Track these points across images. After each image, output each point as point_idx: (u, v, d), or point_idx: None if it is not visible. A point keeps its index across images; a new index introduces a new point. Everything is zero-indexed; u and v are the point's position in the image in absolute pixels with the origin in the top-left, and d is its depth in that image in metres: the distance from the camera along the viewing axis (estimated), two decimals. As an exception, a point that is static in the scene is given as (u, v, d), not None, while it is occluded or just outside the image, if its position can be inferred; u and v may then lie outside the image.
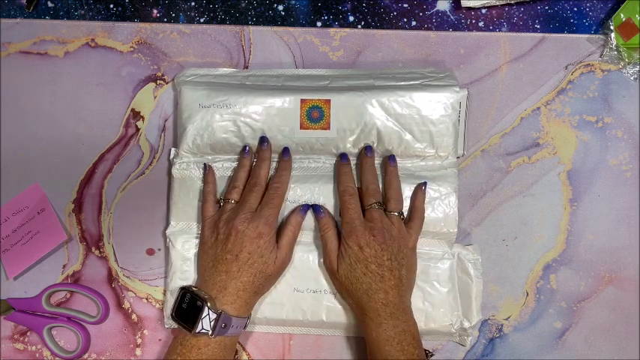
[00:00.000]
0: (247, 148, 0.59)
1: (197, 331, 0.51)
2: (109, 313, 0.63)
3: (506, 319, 0.61)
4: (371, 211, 0.55)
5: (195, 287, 0.54)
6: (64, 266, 0.63)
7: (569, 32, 0.63)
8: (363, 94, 0.58)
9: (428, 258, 0.59)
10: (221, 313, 0.52)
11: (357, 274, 0.53)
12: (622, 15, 0.60)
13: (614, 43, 0.61)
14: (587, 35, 0.62)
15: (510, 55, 0.62)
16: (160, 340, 0.63)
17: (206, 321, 0.51)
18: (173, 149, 0.62)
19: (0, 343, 0.63)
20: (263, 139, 0.59)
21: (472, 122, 0.62)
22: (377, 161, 0.60)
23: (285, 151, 0.59)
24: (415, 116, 0.58)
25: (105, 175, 0.63)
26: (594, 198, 0.62)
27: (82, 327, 0.62)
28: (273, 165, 0.60)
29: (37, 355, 0.63)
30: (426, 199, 0.58)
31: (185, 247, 0.60)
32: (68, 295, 0.63)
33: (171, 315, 0.54)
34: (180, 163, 0.60)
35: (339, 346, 0.61)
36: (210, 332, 0.51)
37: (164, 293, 0.62)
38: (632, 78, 0.62)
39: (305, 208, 0.58)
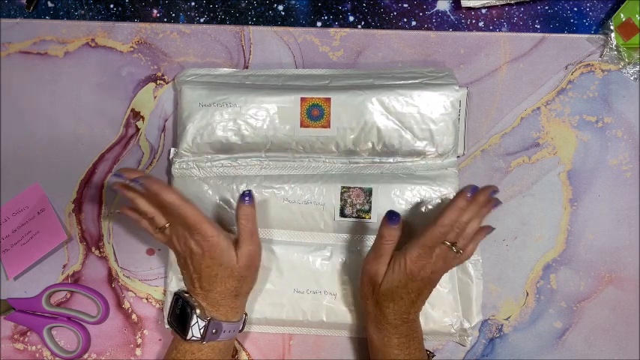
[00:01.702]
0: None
1: (188, 338, 0.52)
2: (109, 313, 0.63)
3: (507, 319, 0.61)
4: (443, 247, 0.52)
5: (187, 293, 0.55)
6: (64, 266, 0.63)
7: (569, 32, 0.63)
8: (363, 92, 0.58)
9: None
10: (210, 320, 0.52)
11: (395, 296, 0.52)
12: (622, 15, 0.60)
13: (614, 43, 0.61)
14: (587, 35, 0.62)
15: (510, 55, 0.62)
16: (159, 340, 0.62)
17: (195, 328, 0.52)
18: (173, 149, 0.62)
19: (0, 343, 0.63)
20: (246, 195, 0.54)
21: (472, 122, 0.62)
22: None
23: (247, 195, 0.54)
24: (415, 114, 0.58)
25: (105, 175, 0.63)
26: (594, 198, 0.62)
27: (82, 327, 0.62)
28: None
29: (37, 355, 0.63)
30: (426, 200, 0.58)
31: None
32: (68, 295, 0.63)
33: (167, 320, 0.54)
34: (180, 162, 0.60)
35: (339, 346, 0.61)
36: (200, 339, 0.52)
37: (164, 293, 0.62)
38: (632, 78, 0.62)
39: (245, 195, 0.53)
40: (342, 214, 0.59)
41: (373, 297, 0.54)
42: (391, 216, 0.52)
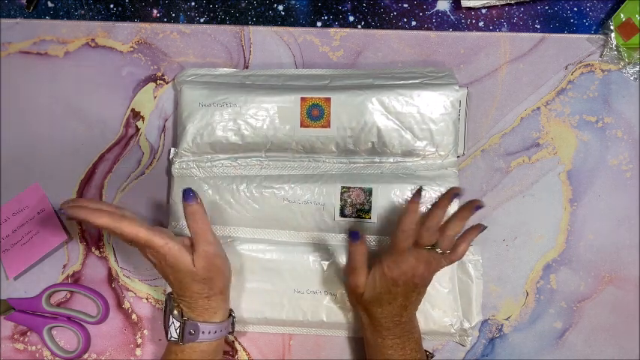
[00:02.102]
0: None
1: (168, 338, 0.53)
2: (109, 313, 0.63)
3: (506, 319, 0.61)
4: (421, 250, 0.52)
5: (174, 294, 0.55)
6: (64, 266, 0.63)
7: (569, 32, 0.63)
8: (363, 92, 0.58)
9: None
10: (186, 320, 0.52)
11: (382, 302, 0.53)
12: (622, 15, 0.60)
13: (614, 43, 0.61)
14: (587, 35, 0.62)
15: (510, 55, 0.62)
16: (159, 340, 0.62)
17: (172, 329, 0.52)
18: (173, 149, 0.62)
19: (0, 343, 0.63)
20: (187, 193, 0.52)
21: (472, 122, 0.62)
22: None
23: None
24: (415, 114, 0.58)
25: (105, 175, 0.63)
26: (594, 198, 0.62)
27: (82, 327, 0.62)
28: None
29: (37, 355, 0.63)
30: (426, 199, 0.58)
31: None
32: (68, 295, 0.63)
33: (163, 322, 0.55)
34: (180, 162, 0.60)
35: (339, 346, 0.61)
36: (178, 339, 0.52)
37: (164, 293, 0.62)
38: (632, 78, 0.62)
39: (186, 194, 0.51)
40: (342, 214, 0.59)
41: (360, 304, 0.55)
42: (353, 234, 0.53)
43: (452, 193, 0.53)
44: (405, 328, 0.53)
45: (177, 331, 0.52)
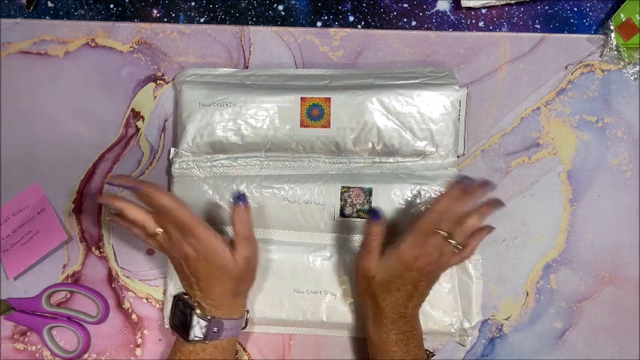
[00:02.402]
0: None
1: (190, 339, 0.52)
2: (109, 313, 0.63)
3: (507, 319, 0.61)
4: (439, 237, 0.52)
5: (187, 294, 0.54)
6: (64, 266, 0.63)
7: (569, 32, 0.63)
8: (363, 92, 0.58)
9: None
10: (211, 319, 0.52)
11: (391, 287, 0.52)
12: (622, 15, 0.60)
13: (614, 43, 0.61)
14: (587, 35, 0.62)
15: (510, 55, 0.62)
16: (159, 340, 0.62)
17: (197, 329, 0.52)
18: (173, 149, 0.62)
19: (0, 343, 0.63)
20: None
21: (472, 122, 0.62)
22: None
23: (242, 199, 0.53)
24: (415, 114, 0.58)
25: (105, 175, 0.63)
26: (594, 198, 0.62)
27: (82, 327, 0.62)
28: None
29: (37, 355, 0.63)
30: (426, 199, 0.58)
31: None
32: (68, 295, 0.63)
33: (169, 323, 0.55)
34: (180, 162, 0.60)
35: (339, 346, 0.61)
36: (203, 339, 0.52)
37: (164, 293, 0.62)
38: (632, 78, 0.62)
39: (239, 199, 0.52)
40: (342, 214, 0.59)
41: (369, 291, 0.54)
42: (374, 213, 0.53)
43: (485, 186, 0.53)
44: (408, 323, 0.53)
45: (204, 330, 0.52)
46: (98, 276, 0.63)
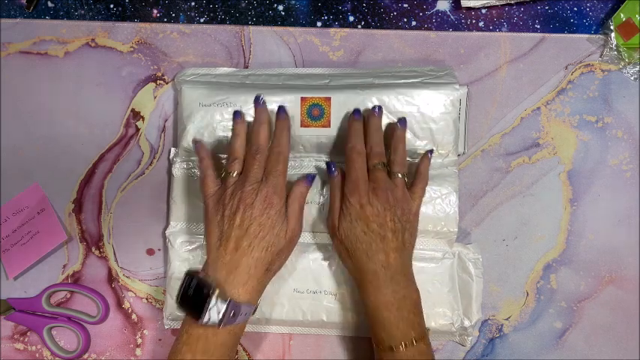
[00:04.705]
0: (239, 113, 0.57)
1: (204, 322, 0.47)
2: (109, 313, 0.63)
3: (507, 319, 0.61)
4: (375, 172, 0.53)
5: (202, 272, 0.51)
6: (64, 266, 0.63)
7: (569, 32, 0.63)
8: (363, 92, 0.58)
9: (428, 258, 0.59)
10: (230, 301, 0.48)
11: (357, 232, 0.51)
12: (622, 15, 0.60)
13: (614, 43, 0.61)
14: (587, 35, 0.62)
15: (510, 55, 0.62)
16: (160, 340, 0.62)
17: (214, 311, 0.47)
18: (173, 149, 0.62)
19: (0, 343, 0.63)
20: (258, 98, 0.56)
21: (472, 122, 0.62)
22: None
23: (281, 110, 0.56)
24: (415, 114, 0.58)
25: (105, 175, 0.63)
26: (594, 198, 0.62)
27: (82, 327, 0.62)
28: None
29: (37, 355, 0.63)
30: (426, 199, 0.58)
31: (184, 247, 0.60)
32: (68, 295, 0.63)
33: (177, 302, 0.49)
34: (180, 162, 0.60)
35: (339, 346, 0.61)
36: (217, 323, 0.48)
37: (164, 293, 0.62)
38: (632, 78, 0.62)
39: (310, 177, 0.55)
40: (342, 214, 0.59)
41: (343, 247, 0.53)
42: (329, 165, 0.56)
43: (373, 110, 0.57)
44: (396, 279, 0.51)
45: (220, 313, 0.47)
46: (98, 276, 0.63)
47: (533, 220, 0.62)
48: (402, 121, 0.57)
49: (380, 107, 0.57)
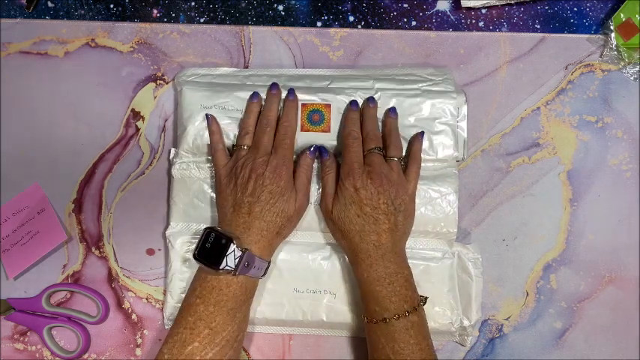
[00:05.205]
0: (256, 94, 0.59)
1: (221, 267, 0.50)
2: (109, 313, 0.63)
3: (507, 319, 0.61)
4: (371, 156, 0.55)
5: (220, 228, 0.53)
6: (64, 266, 0.63)
7: (569, 32, 0.63)
8: (363, 99, 0.59)
9: (428, 257, 0.59)
10: (246, 250, 0.51)
11: (351, 215, 0.53)
12: (622, 15, 0.60)
13: (614, 43, 0.61)
14: (587, 35, 0.62)
15: (510, 55, 0.62)
16: (160, 340, 0.62)
17: (231, 258, 0.50)
18: (173, 149, 0.62)
19: (0, 343, 0.63)
20: (274, 85, 0.59)
21: (472, 122, 0.62)
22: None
23: (291, 92, 0.59)
24: (414, 122, 0.58)
25: (105, 175, 0.63)
26: (594, 198, 0.62)
27: (82, 327, 0.62)
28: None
29: (37, 355, 0.63)
30: (426, 199, 0.58)
31: (184, 247, 0.60)
32: (68, 295, 0.63)
33: (194, 254, 0.51)
34: (180, 163, 0.60)
35: (339, 346, 0.61)
36: (233, 270, 0.50)
37: (164, 293, 0.62)
38: (632, 78, 0.62)
39: (314, 149, 0.58)
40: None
41: (337, 228, 0.55)
42: (322, 150, 0.58)
43: (368, 101, 0.59)
44: (387, 257, 0.53)
45: (236, 260, 0.50)
46: (98, 276, 0.63)
47: (533, 220, 0.62)
48: (392, 109, 0.59)
49: (374, 99, 0.59)
